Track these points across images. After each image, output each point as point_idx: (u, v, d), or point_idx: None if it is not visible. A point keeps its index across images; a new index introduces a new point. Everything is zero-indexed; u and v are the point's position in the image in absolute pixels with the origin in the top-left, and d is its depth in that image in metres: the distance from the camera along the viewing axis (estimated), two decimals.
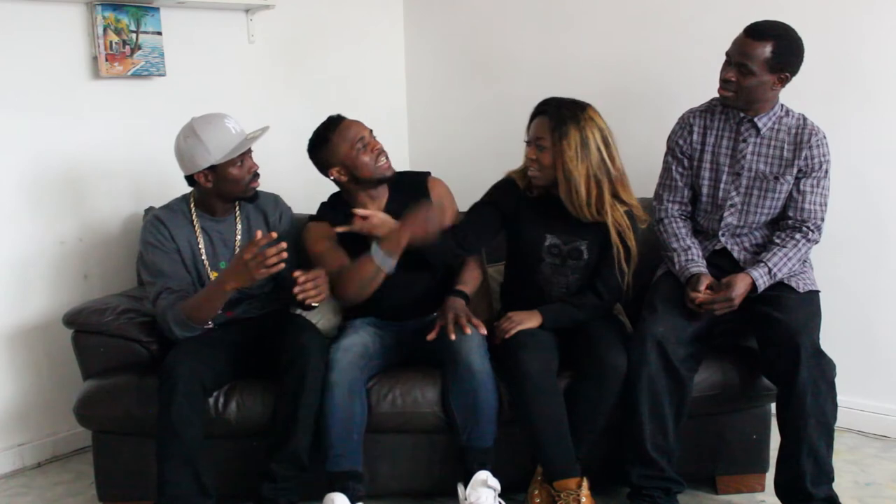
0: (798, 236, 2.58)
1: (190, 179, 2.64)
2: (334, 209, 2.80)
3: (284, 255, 2.35)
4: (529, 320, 2.59)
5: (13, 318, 3.06)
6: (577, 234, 2.64)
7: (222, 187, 2.62)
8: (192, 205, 2.70)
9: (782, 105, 2.63)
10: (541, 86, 2.79)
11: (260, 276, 2.36)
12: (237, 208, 2.72)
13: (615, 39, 3.50)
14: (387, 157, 2.75)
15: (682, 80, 3.28)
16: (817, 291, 2.61)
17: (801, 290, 2.56)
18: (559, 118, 2.54)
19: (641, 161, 3.19)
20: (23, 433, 3.11)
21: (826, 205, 2.62)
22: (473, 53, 3.90)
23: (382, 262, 2.54)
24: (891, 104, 2.97)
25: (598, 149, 2.54)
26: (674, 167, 2.73)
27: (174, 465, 2.40)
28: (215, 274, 2.65)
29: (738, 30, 2.55)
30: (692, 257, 2.62)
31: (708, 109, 2.70)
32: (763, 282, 2.53)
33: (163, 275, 2.58)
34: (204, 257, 2.66)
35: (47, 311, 3.07)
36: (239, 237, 2.71)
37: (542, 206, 2.67)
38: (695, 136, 2.68)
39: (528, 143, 2.63)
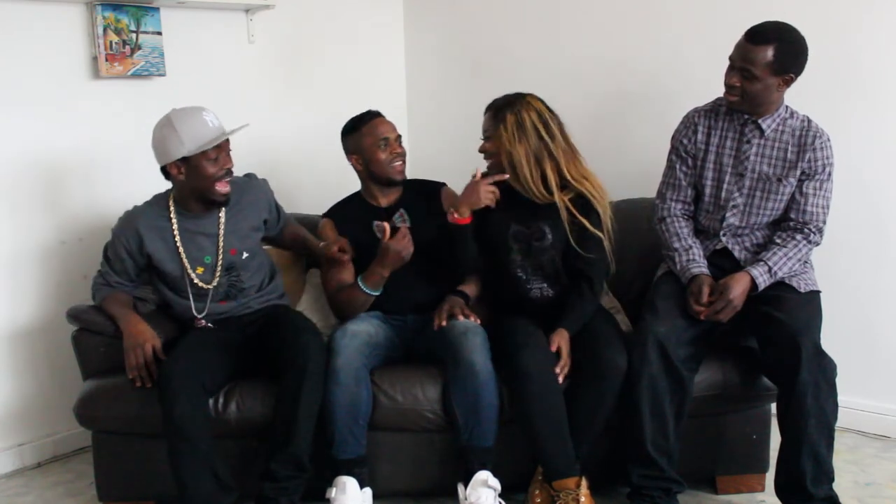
0: (799, 237, 2.58)
1: (165, 173, 2.61)
2: (344, 203, 2.97)
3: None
4: (563, 339, 2.58)
5: (13, 317, 3.06)
6: (538, 217, 2.68)
7: (194, 182, 2.57)
8: (170, 203, 2.67)
9: (787, 106, 2.62)
10: (541, 86, 2.78)
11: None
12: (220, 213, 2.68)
13: (616, 39, 3.50)
14: (403, 162, 2.89)
15: (683, 80, 3.28)
16: (818, 292, 2.61)
17: (802, 290, 2.56)
18: (498, 106, 2.68)
19: (641, 161, 3.19)
20: (23, 433, 3.11)
21: (828, 207, 2.61)
22: (473, 53, 3.90)
23: (371, 291, 2.74)
24: (891, 104, 2.96)
25: (535, 127, 2.63)
26: (678, 166, 2.72)
27: (189, 466, 2.39)
28: (201, 269, 2.66)
29: (738, 29, 2.54)
30: (693, 257, 2.62)
31: (712, 109, 2.69)
32: (763, 280, 2.53)
33: (109, 262, 2.69)
34: (183, 256, 2.65)
35: (47, 311, 3.08)
36: (223, 229, 2.67)
37: (502, 199, 2.71)
38: (699, 136, 2.68)
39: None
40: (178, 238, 2.65)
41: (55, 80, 3.04)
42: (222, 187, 2.59)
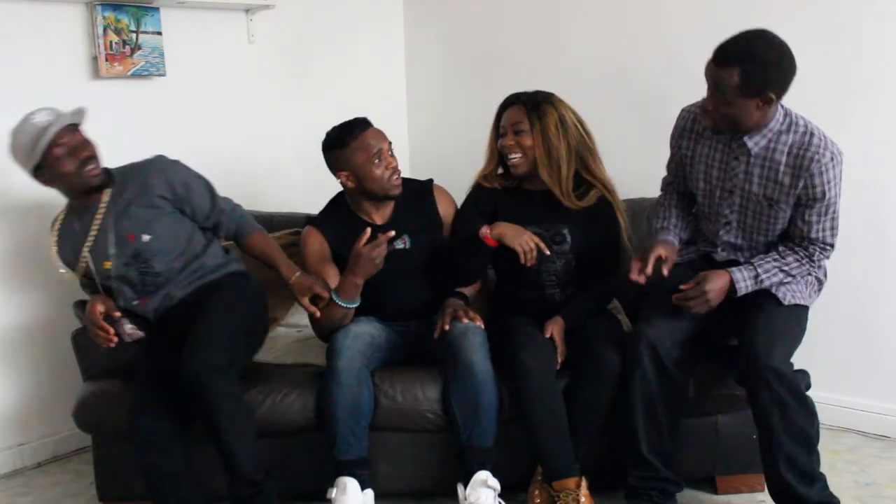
0: (802, 254, 2.42)
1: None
2: (333, 215, 2.78)
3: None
4: (556, 327, 2.60)
5: (13, 318, 3.06)
6: (557, 220, 2.67)
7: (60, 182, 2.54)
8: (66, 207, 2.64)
9: (787, 115, 2.37)
10: (541, 86, 2.78)
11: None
12: (100, 201, 2.54)
13: (616, 39, 3.50)
14: (399, 175, 2.69)
15: (683, 80, 3.24)
16: (805, 307, 2.47)
17: (785, 303, 2.41)
18: (533, 102, 2.66)
19: (641, 161, 3.18)
20: (23, 433, 3.12)
21: (836, 228, 2.41)
22: (473, 53, 3.91)
23: (348, 304, 2.58)
24: (891, 104, 2.96)
25: (575, 125, 2.66)
26: (668, 162, 2.70)
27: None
28: (108, 264, 2.52)
29: (739, 29, 2.51)
30: (666, 225, 2.59)
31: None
32: (745, 285, 2.38)
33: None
34: (86, 252, 2.54)
35: (47, 311, 3.08)
36: (109, 216, 2.52)
37: (518, 201, 2.71)
38: (685, 142, 2.56)
39: (503, 133, 2.67)
40: (56, 237, 2.56)
41: (55, 80, 3.04)
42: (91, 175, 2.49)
